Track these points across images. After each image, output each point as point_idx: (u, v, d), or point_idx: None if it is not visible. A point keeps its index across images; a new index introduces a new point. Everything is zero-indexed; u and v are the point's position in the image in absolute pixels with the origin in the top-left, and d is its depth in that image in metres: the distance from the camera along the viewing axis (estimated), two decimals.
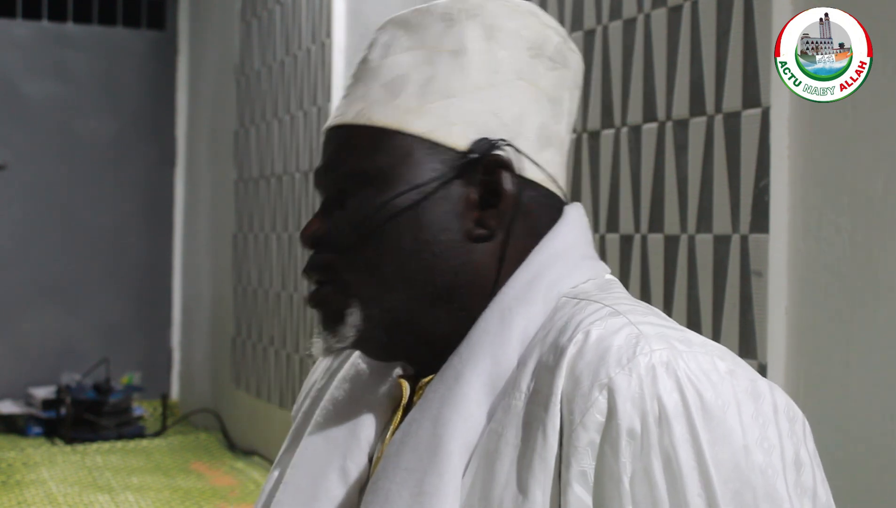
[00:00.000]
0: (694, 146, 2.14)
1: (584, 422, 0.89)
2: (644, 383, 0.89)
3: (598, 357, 0.91)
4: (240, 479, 4.19)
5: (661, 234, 2.23)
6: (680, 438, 0.88)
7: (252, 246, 4.70)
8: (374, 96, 1.05)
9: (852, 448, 1.82)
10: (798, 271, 1.93)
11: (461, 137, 1.02)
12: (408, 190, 1.01)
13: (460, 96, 1.03)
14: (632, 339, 0.91)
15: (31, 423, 4.95)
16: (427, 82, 1.03)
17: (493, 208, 1.02)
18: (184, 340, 5.63)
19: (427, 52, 1.05)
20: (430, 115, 1.03)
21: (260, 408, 4.57)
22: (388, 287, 1.02)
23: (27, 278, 5.40)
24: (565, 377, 0.91)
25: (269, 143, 4.54)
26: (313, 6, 4.11)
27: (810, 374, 1.91)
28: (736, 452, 0.89)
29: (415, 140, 1.02)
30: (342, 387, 1.12)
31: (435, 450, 0.95)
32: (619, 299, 0.99)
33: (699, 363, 0.91)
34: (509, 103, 1.04)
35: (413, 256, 1.01)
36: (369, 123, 1.04)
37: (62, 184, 5.47)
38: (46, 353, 5.39)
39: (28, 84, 5.43)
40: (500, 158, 1.02)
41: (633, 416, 0.88)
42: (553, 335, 0.96)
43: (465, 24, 1.05)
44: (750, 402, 0.91)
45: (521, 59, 1.05)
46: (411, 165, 1.02)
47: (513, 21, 1.06)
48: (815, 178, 1.90)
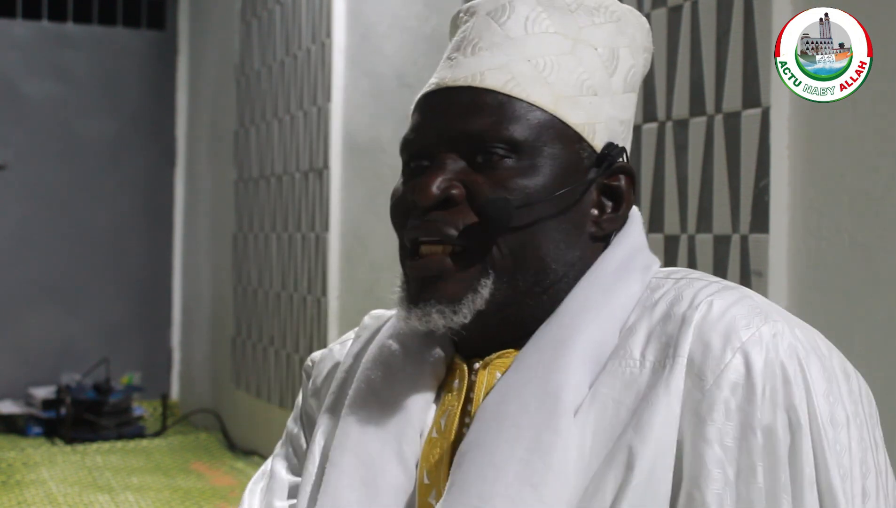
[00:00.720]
0: (694, 146, 2.14)
1: (719, 382, 0.94)
2: (769, 348, 0.95)
3: (727, 324, 0.96)
4: (240, 479, 4.19)
5: (661, 234, 2.23)
6: (799, 399, 0.94)
7: (252, 246, 4.70)
8: (522, 70, 1.03)
9: None
10: (798, 271, 1.93)
11: (599, 137, 1.05)
12: (554, 178, 1.02)
13: (602, 96, 1.05)
14: (755, 310, 0.97)
15: (31, 423, 4.95)
16: (575, 73, 1.05)
17: (612, 213, 1.06)
18: (184, 340, 5.63)
19: (572, 41, 1.06)
20: (579, 106, 1.04)
21: (260, 408, 4.57)
22: (524, 267, 1.02)
23: (27, 278, 5.40)
24: (692, 343, 0.96)
25: (269, 143, 4.54)
26: (313, 6, 4.11)
27: None
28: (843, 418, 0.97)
29: (565, 127, 1.03)
30: (376, 370, 1.10)
31: (551, 409, 0.97)
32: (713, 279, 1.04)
33: (808, 337, 0.98)
34: (629, 113, 1.09)
35: (552, 244, 1.03)
36: (523, 96, 1.02)
37: (62, 184, 5.47)
38: (46, 353, 5.39)
39: (28, 84, 5.43)
40: (626, 166, 1.06)
41: (765, 377, 0.94)
42: (664, 307, 1.00)
43: (607, 25, 1.08)
44: (844, 379, 0.99)
45: (640, 73, 1.10)
46: (558, 151, 1.03)
47: (641, 34, 1.10)
48: (815, 178, 1.90)
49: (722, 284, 1.02)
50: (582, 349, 1.00)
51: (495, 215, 1.00)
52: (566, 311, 1.02)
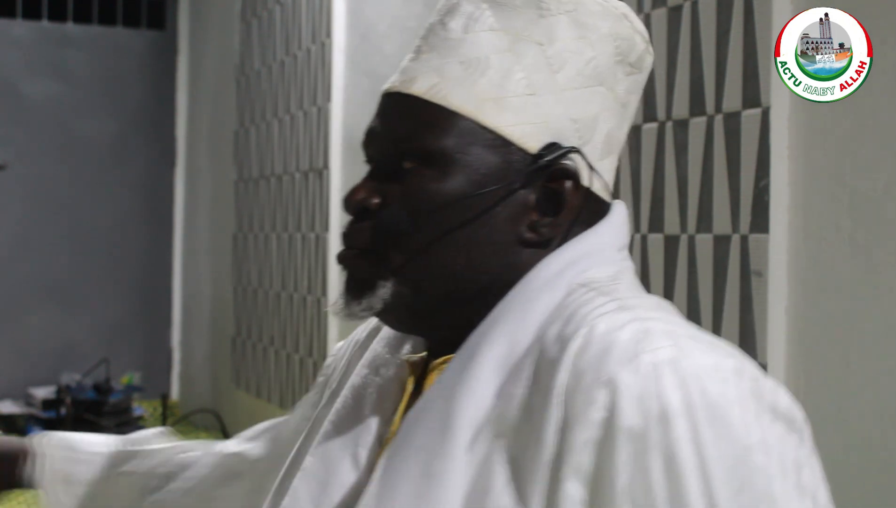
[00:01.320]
0: (694, 146, 2.14)
1: (585, 419, 0.87)
2: (647, 381, 0.87)
3: (602, 352, 0.89)
4: None
5: (661, 234, 2.23)
6: (682, 437, 0.86)
7: (252, 246, 4.70)
8: (451, 73, 1.01)
9: (852, 448, 1.82)
10: (798, 271, 1.93)
11: (534, 139, 1.00)
12: (471, 185, 0.99)
13: (541, 95, 1.00)
14: (637, 335, 0.89)
15: (31, 423, 4.94)
16: (509, 72, 1.00)
17: (551, 217, 1.01)
18: (184, 340, 5.63)
19: (513, 38, 1.01)
20: (507, 109, 0.99)
21: (260, 408, 4.56)
22: (429, 276, 1.01)
23: (27, 278, 5.39)
24: (568, 371, 0.90)
25: (269, 143, 4.54)
26: (313, 6, 4.11)
27: (810, 374, 1.90)
28: (738, 452, 0.87)
29: (487, 132, 1.00)
30: (361, 373, 1.12)
31: (445, 430, 0.94)
32: (630, 293, 0.98)
33: (704, 361, 0.89)
34: (586, 109, 1.01)
35: (463, 252, 1.00)
36: (444, 102, 1.00)
37: (62, 184, 5.46)
38: (46, 353, 5.39)
39: (28, 84, 5.42)
40: (568, 169, 1.00)
41: (634, 415, 0.86)
42: (558, 326, 0.94)
43: (558, 17, 1.01)
44: (753, 402, 0.89)
45: (606, 64, 1.02)
46: (479, 157, 0.99)
47: (606, 22, 1.02)
48: (815, 178, 1.90)
49: (623, 302, 0.95)
50: (490, 362, 0.96)
51: (388, 226, 1.01)
52: (489, 320, 0.99)
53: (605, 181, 1.04)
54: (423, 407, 0.98)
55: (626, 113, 1.06)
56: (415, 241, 1.00)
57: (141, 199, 5.63)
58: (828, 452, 1.86)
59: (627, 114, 1.06)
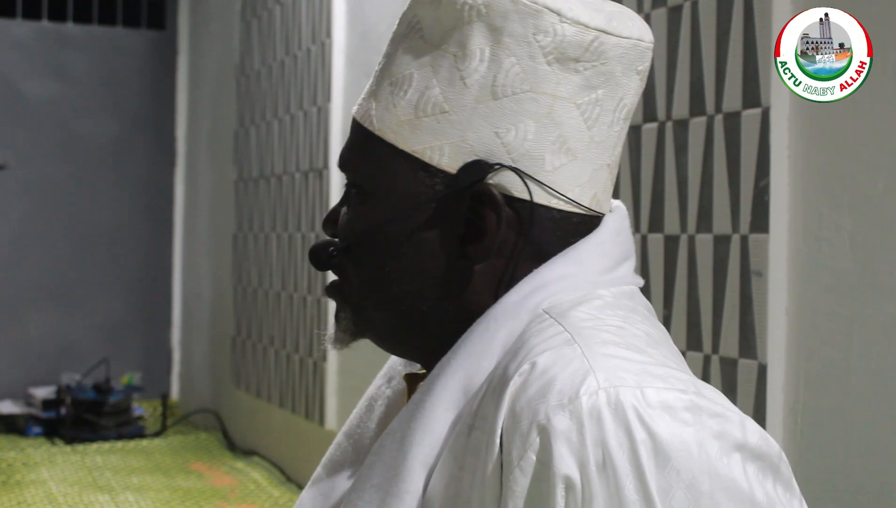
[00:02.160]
0: (694, 146, 2.14)
1: (522, 465, 0.82)
2: (586, 427, 0.80)
3: (539, 393, 0.82)
4: (240, 479, 4.19)
5: (661, 234, 2.23)
6: (627, 487, 0.80)
7: (252, 246, 4.70)
8: (382, 95, 0.96)
9: (853, 447, 1.82)
10: (798, 271, 1.93)
11: (453, 159, 0.93)
12: (391, 212, 0.95)
13: (456, 111, 0.93)
14: (578, 375, 0.83)
15: (31, 423, 4.94)
16: (425, 90, 0.94)
17: (476, 242, 0.94)
18: (184, 340, 5.63)
19: (433, 51, 0.94)
20: (422, 130, 0.94)
21: (260, 408, 4.57)
22: (375, 304, 0.98)
23: (27, 278, 5.40)
24: (506, 412, 0.84)
25: (269, 143, 4.54)
26: (313, 6, 4.11)
27: (810, 374, 1.90)
28: (695, 499, 0.80)
29: (406, 158, 0.94)
30: (377, 384, 1.11)
31: (398, 469, 0.91)
32: (586, 321, 0.90)
33: (654, 399, 0.82)
34: (514, 120, 0.92)
35: (396, 282, 0.96)
36: (371, 128, 0.97)
37: (62, 184, 5.47)
38: (46, 353, 5.39)
39: (28, 84, 5.43)
40: (485, 191, 0.92)
41: (569, 462, 0.80)
42: (507, 359, 0.88)
43: (472, 25, 0.93)
44: (714, 441, 0.82)
45: (532, 68, 0.92)
46: (400, 185, 0.95)
47: (524, 23, 0.92)
48: (815, 178, 1.90)
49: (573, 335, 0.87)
50: (444, 396, 0.91)
51: (316, 258, 1.00)
52: (451, 351, 0.93)
53: (562, 193, 0.94)
54: (383, 443, 0.95)
55: (591, 112, 0.94)
56: (351, 271, 0.99)
57: (141, 199, 5.63)
58: (828, 452, 1.86)
59: (593, 112, 0.95)
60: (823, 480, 1.85)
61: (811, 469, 1.87)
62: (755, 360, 1.97)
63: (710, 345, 2.07)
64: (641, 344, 0.90)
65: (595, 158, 0.96)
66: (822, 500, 1.83)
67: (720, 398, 0.86)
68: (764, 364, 1.95)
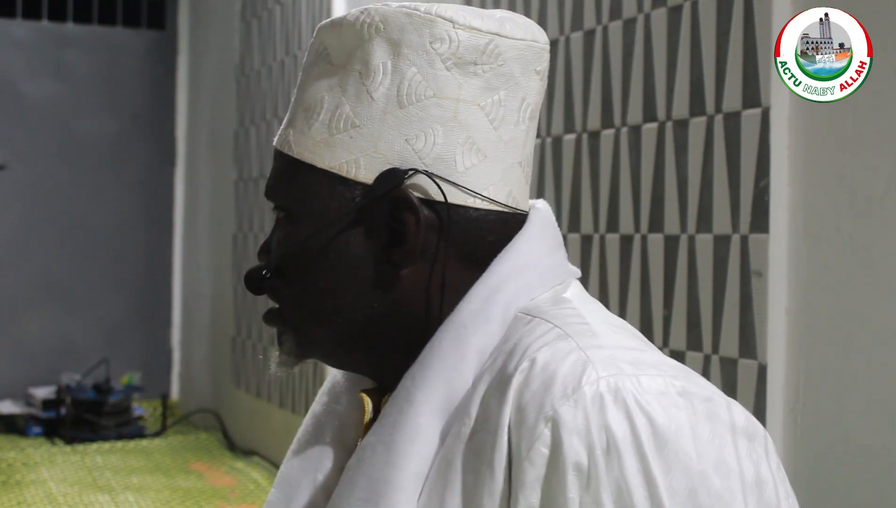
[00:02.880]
0: (694, 146, 2.14)
1: (531, 456, 0.86)
2: (590, 413, 0.85)
3: (543, 387, 0.87)
4: (240, 479, 4.19)
5: (661, 234, 2.23)
6: (630, 468, 0.85)
7: (252, 246, 4.70)
8: (297, 122, 1.01)
9: (853, 447, 1.82)
10: (798, 271, 1.93)
11: (368, 171, 0.97)
12: (317, 231, 0.98)
13: (366, 124, 0.97)
14: (578, 366, 0.87)
15: (31, 423, 4.94)
16: (336, 109, 0.98)
17: (398, 247, 0.97)
18: (184, 340, 5.63)
19: (340, 72, 0.99)
20: (337, 147, 0.97)
21: (260, 408, 4.57)
22: (313, 321, 1.00)
23: (27, 278, 5.40)
24: (512, 408, 0.87)
25: (269, 143, 4.54)
26: (313, 6, 4.11)
27: (810, 374, 1.90)
28: (691, 478, 0.85)
29: (325, 175, 0.98)
30: (321, 401, 1.12)
31: (388, 480, 0.92)
32: (571, 317, 0.94)
33: (650, 386, 0.87)
34: (422, 126, 0.97)
35: (329, 295, 0.99)
36: (291, 153, 1.01)
37: (62, 184, 5.46)
38: (46, 353, 5.39)
39: (28, 84, 5.43)
40: (401, 196, 0.96)
41: (578, 449, 0.85)
42: (502, 360, 0.91)
43: (372, 42, 0.98)
44: (705, 423, 0.87)
45: (433, 75, 0.97)
46: (322, 202, 0.98)
47: (420, 33, 0.96)
48: (815, 178, 1.90)
49: (564, 330, 0.91)
50: (428, 406, 0.93)
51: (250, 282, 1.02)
52: (420, 360, 0.95)
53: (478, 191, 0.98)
54: (363, 456, 0.96)
55: (496, 113, 0.98)
56: (285, 292, 1.01)
57: (141, 199, 5.63)
58: (828, 452, 1.86)
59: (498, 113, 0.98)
60: (823, 480, 1.85)
61: (811, 469, 1.87)
62: (755, 360, 1.97)
63: (710, 345, 2.07)
64: (624, 334, 0.95)
65: (505, 156, 1.00)
66: (823, 499, 1.83)
67: (706, 382, 0.92)
68: (764, 364, 1.95)
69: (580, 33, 2.48)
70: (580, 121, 2.47)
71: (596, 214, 2.42)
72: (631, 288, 2.29)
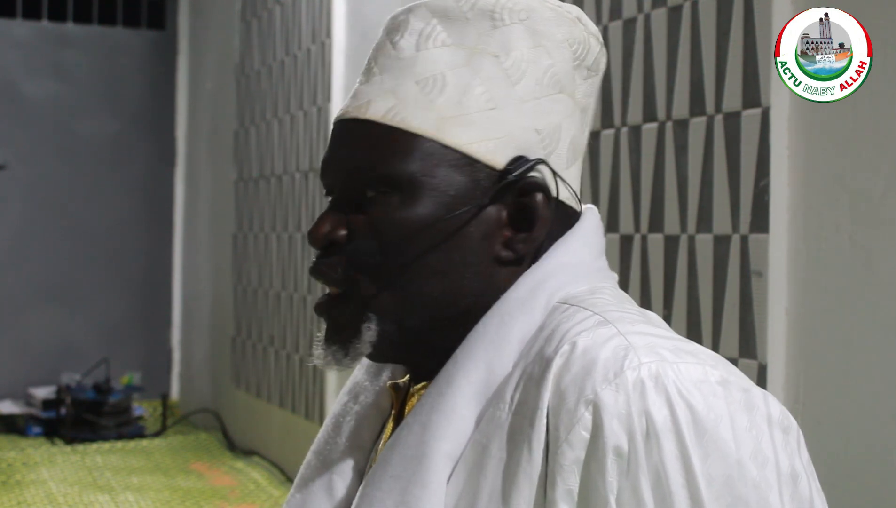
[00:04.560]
0: (694, 146, 2.14)
1: (570, 439, 0.86)
2: (631, 398, 0.85)
3: (584, 371, 0.87)
4: (240, 479, 4.19)
5: (661, 234, 2.23)
6: (669, 454, 0.85)
7: (252, 246, 4.70)
8: (407, 94, 0.98)
9: (853, 448, 1.82)
10: (798, 271, 1.93)
11: (500, 154, 0.96)
12: (439, 208, 0.96)
13: (503, 108, 0.97)
14: (620, 351, 0.87)
15: (31, 423, 4.95)
16: (468, 88, 0.97)
17: (525, 233, 0.97)
18: (184, 340, 5.63)
19: (468, 52, 0.98)
20: (470, 126, 0.96)
21: (260, 408, 4.57)
22: (410, 306, 0.97)
23: (27, 278, 5.40)
24: (551, 391, 0.87)
25: (269, 143, 4.54)
26: (313, 6, 4.11)
27: (810, 374, 1.91)
28: (728, 466, 0.86)
29: (451, 151, 0.96)
30: (341, 401, 1.11)
31: (421, 458, 0.92)
32: (610, 305, 0.94)
33: (690, 374, 0.87)
34: (550, 118, 0.98)
35: (439, 277, 0.96)
36: (403, 125, 0.96)
37: (62, 184, 5.47)
38: (46, 353, 5.39)
39: (28, 84, 5.43)
40: (537, 182, 0.97)
41: (619, 433, 0.85)
42: (539, 345, 0.92)
43: (512, 27, 0.98)
44: (743, 413, 0.87)
45: (564, 70, 0.99)
46: (445, 178, 0.96)
47: (560, 28, 0.99)
48: (815, 178, 1.90)
49: (604, 317, 0.91)
50: (468, 389, 0.93)
51: (358, 259, 0.97)
52: (464, 346, 0.95)
53: (573, 189, 1.01)
54: (399, 436, 0.96)
55: (586, 118, 1.03)
56: (389, 273, 0.97)
57: (141, 199, 5.63)
58: (828, 451, 1.86)
59: (587, 118, 1.03)
60: (823, 480, 1.85)
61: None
62: (755, 360, 1.97)
63: (710, 345, 2.07)
64: (663, 326, 0.96)
65: (581, 161, 1.04)
66: None
67: (742, 374, 0.92)
68: (764, 364, 1.95)
69: None
70: None
71: None
72: (631, 288, 2.29)
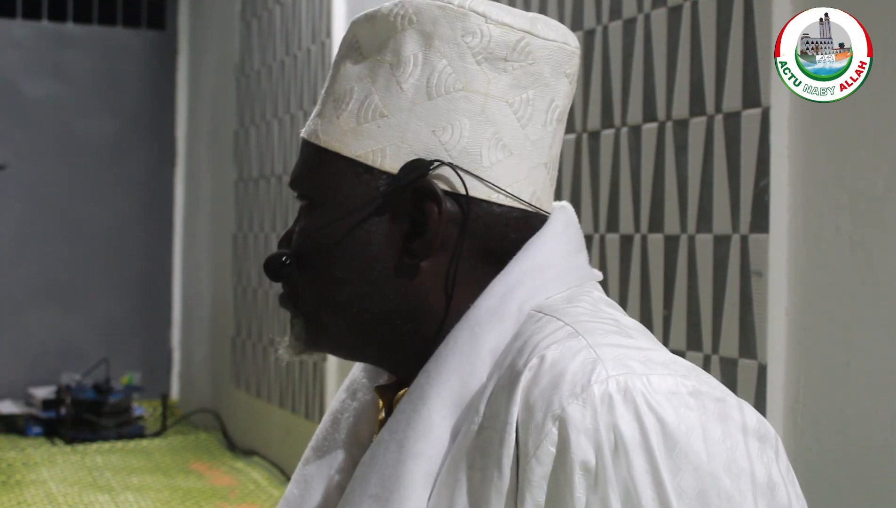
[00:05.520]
0: (694, 146, 2.14)
1: (538, 455, 0.85)
2: (599, 413, 0.84)
3: (551, 385, 0.86)
4: (240, 479, 4.19)
5: (661, 234, 2.23)
6: (638, 469, 0.84)
7: (252, 246, 4.70)
8: (327, 112, 1.02)
9: (852, 448, 1.82)
10: (798, 271, 1.93)
11: (394, 160, 0.97)
12: (338, 219, 0.99)
13: (394, 115, 0.97)
14: (588, 364, 0.86)
15: (31, 423, 4.95)
16: (365, 99, 0.99)
17: (420, 237, 0.97)
18: (184, 340, 5.63)
19: (371, 64, 1.00)
20: (364, 136, 0.98)
21: (260, 408, 4.57)
22: (327, 310, 1.01)
23: (27, 278, 5.40)
24: (520, 405, 0.87)
25: (269, 143, 4.54)
26: (313, 6, 4.11)
27: (810, 374, 1.91)
28: (701, 479, 0.84)
29: (351, 164, 0.98)
30: (340, 398, 1.13)
31: (399, 478, 0.92)
32: (583, 315, 0.93)
33: (660, 386, 0.86)
34: (449, 119, 0.97)
35: (346, 284, 0.99)
36: (319, 143, 1.01)
37: (62, 184, 5.47)
38: (46, 353, 5.39)
39: (28, 84, 5.43)
40: (425, 186, 0.96)
41: (586, 448, 0.84)
42: (511, 357, 0.91)
43: (404, 33, 0.98)
44: (717, 424, 0.86)
45: (463, 68, 0.97)
46: (346, 190, 0.98)
47: (452, 26, 0.97)
48: (815, 178, 1.90)
49: (575, 328, 0.90)
50: (444, 402, 0.93)
51: (269, 268, 1.03)
52: (436, 358, 0.95)
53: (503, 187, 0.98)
54: (376, 452, 0.96)
55: (524, 111, 0.98)
56: (304, 279, 1.02)
57: (141, 199, 5.63)
58: (828, 451, 1.86)
59: (526, 112, 0.99)
60: (823, 480, 1.85)
61: (811, 469, 1.87)
62: (755, 360, 1.97)
63: (710, 345, 2.07)
64: (637, 334, 0.94)
65: (531, 156, 1.00)
66: (823, 500, 1.83)
67: (717, 383, 0.91)
68: (764, 364, 1.95)
69: (580, 33, 2.48)
70: (580, 121, 2.47)
71: (596, 214, 2.42)
72: (631, 288, 2.29)
